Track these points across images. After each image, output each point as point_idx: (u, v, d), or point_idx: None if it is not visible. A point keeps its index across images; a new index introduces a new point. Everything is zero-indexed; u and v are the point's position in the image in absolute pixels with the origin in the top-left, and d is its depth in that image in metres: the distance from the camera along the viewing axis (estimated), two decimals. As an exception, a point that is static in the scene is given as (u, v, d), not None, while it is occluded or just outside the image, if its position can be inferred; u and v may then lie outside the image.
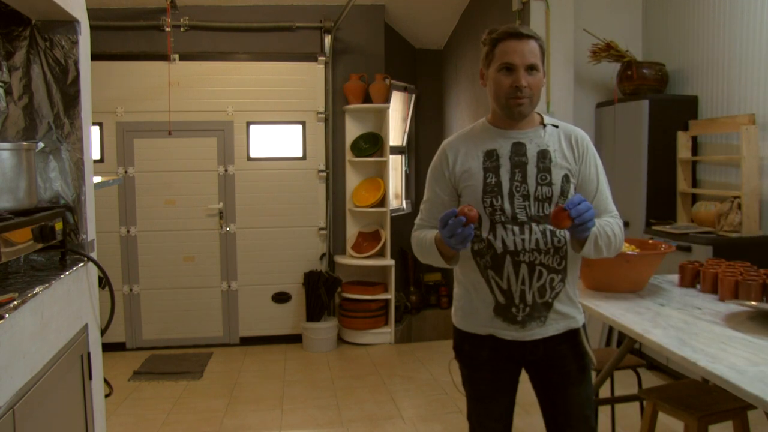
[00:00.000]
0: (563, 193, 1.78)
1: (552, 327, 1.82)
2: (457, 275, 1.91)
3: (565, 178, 1.79)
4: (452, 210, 1.63)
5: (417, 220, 1.94)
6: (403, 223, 6.47)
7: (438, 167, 1.88)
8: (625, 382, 3.51)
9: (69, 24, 2.13)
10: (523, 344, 1.82)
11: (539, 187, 1.77)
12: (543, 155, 1.79)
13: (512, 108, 1.76)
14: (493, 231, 1.77)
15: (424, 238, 1.86)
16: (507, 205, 1.76)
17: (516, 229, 1.76)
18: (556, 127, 1.85)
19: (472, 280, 1.83)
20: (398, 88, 6.32)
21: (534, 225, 1.76)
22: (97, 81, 2.66)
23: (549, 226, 1.76)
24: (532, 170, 1.78)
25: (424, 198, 1.94)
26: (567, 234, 1.77)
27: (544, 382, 1.90)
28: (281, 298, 5.35)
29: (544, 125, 1.84)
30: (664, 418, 2.38)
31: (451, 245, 1.64)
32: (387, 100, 5.31)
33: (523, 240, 1.75)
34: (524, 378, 1.95)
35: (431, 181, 1.91)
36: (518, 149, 1.80)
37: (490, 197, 1.77)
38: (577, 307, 1.88)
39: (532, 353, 1.84)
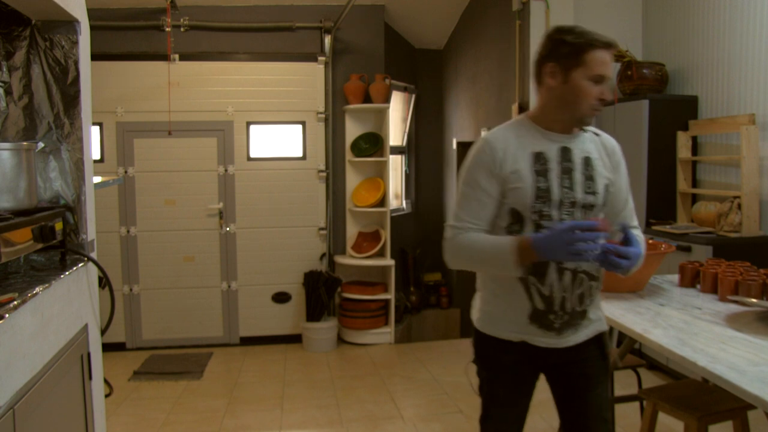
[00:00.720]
0: (605, 203, 1.78)
1: (583, 333, 1.81)
2: (485, 279, 1.84)
3: (606, 188, 1.78)
4: (593, 222, 1.57)
5: (455, 222, 1.76)
6: (403, 223, 6.48)
7: (485, 162, 1.73)
8: (625, 382, 3.51)
9: (69, 24, 2.13)
10: (555, 350, 1.78)
11: (585, 195, 1.74)
12: (587, 162, 1.76)
13: (589, 117, 1.72)
14: None
15: (479, 242, 1.70)
16: (555, 212, 1.71)
17: None
18: (597, 135, 1.83)
19: (507, 285, 1.75)
20: (398, 88, 6.32)
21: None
22: (97, 81, 2.66)
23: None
24: (578, 177, 1.74)
25: (463, 195, 1.76)
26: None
27: (565, 385, 1.87)
28: (281, 298, 5.35)
29: (584, 131, 1.81)
30: (664, 418, 2.39)
31: (559, 255, 1.57)
32: (387, 100, 5.31)
33: None
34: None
35: (476, 177, 1.74)
36: (565, 154, 1.75)
37: (540, 203, 1.70)
38: (602, 310, 1.90)
39: (559, 357, 1.80)
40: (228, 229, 5.25)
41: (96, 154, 5.01)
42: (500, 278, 1.77)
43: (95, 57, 2.36)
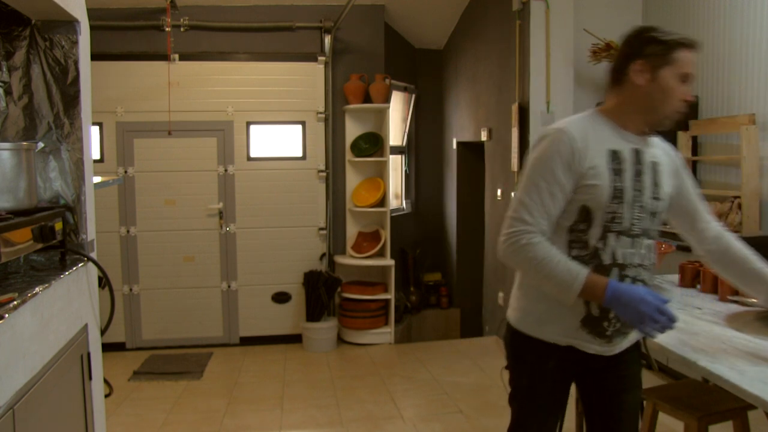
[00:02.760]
0: (665, 209, 1.77)
1: (628, 339, 1.79)
2: (537, 283, 1.74)
3: (669, 195, 1.76)
4: (670, 311, 1.54)
5: (525, 215, 1.63)
6: (403, 223, 6.48)
7: (563, 154, 1.62)
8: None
9: (69, 24, 2.13)
10: (599, 357, 1.73)
11: (652, 201, 1.70)
12: (654, 167, 1.72)
13: (672, 118, 1.68)
14: (604, 239, 1.64)
15: (553, 260, 1.59)
16: (627, 214, 1.65)
17: (628, 241, 1.66)
18: (660, 140, 1.81)
19: None
20: (398, 88, 6.32)
21: (644, 239, 1.69)
22: (97, 81, 2.66)
23: (649, 241, 1.71)
24: (648, 181, 1.69)
25: (535, 187, 1.63)
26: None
27: (600, 388, 1.83)
28: (281, 298, 5.35)
29: (649, 136, 1.77)
30: (664, 418, 2.38)
31: (626, 317, 1.55)
32: (387, 100, 5.31)
33: (632, 254, 1.66)
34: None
35: (553, 168, 1.62)
36: (638, 156, 1.69)
37: (615, 203, 1.63)
38: None
39: (599, 362, 1.75)
40: (228, 229, 5.25)
41: (96, 154, 5.01)
42: None
43: (95, 57, 2.36)
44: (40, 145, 2.11)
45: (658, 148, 1.78)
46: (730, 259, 1.86)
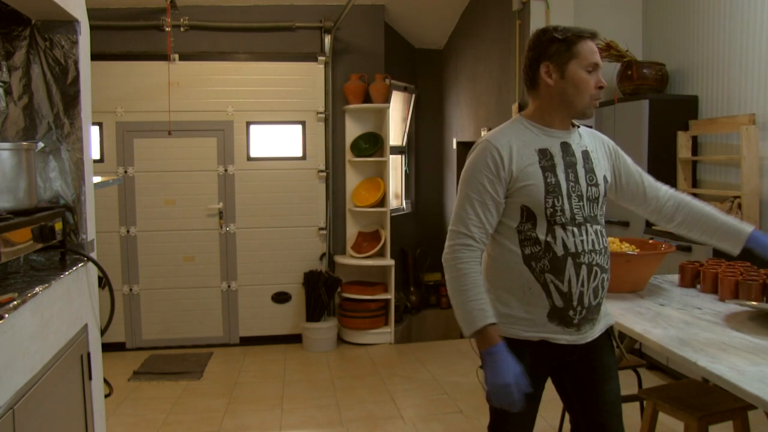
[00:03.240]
0: (605, 193, 1.83)
1: (599, 327, 1.83)
2: (497, 278, 1.81)
3: (605, 178, 1.83)
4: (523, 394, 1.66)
5: (460, 227, 1.74)
6: (403, 223, 6.48)
7: (491, 165, 1.73)
8: (625, 382, 3.51)
9: (69, 24, 2.13)
10: (571, 348, 1.78)
11: (589, 188, 1.78)
12: (586, 156, 1.81)
13: (592, 107, 1.76)
14: (552, 233, 1.72)
15: (470, 288, 1.70)
16: (567, 206, 1.73)
17: (575, 230, 1.73)
18: (589, 128, 1.89)
19: (522, 285, 1.75)
20: (398, 88, 6.32)
21: (588, 225, 1.76)
22: (97, 81, 2.65)
23: (599, 227, 1.78)
24: (581, 170, 1.78)
25: (467, 199, 1.75)
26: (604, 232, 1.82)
27: (575, 381, 1.87)
28: (281, 298, 5.35)
29: (576, 127, 1.85)
30: (664, 418, 2.38)
31: (489, 383, 1.67)
32: (387, 100, 5.31)
33: (582, 241, 1.73)
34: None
35: (481, 180, 1.73)
36: (567, 149, 1.78)
37: (552, 197, 1.72)
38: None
39: (572, 354, 1.80)
40: (228, 229, 5.25)
41: (96, 154, 5.01)
42: (515, 280, 1.76)
43: (95, 57, 2.36)
44: (40, 145, 2.11)
45: (587, 137, 1.86)
46: (694, 220, 1.96)
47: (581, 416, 1.88)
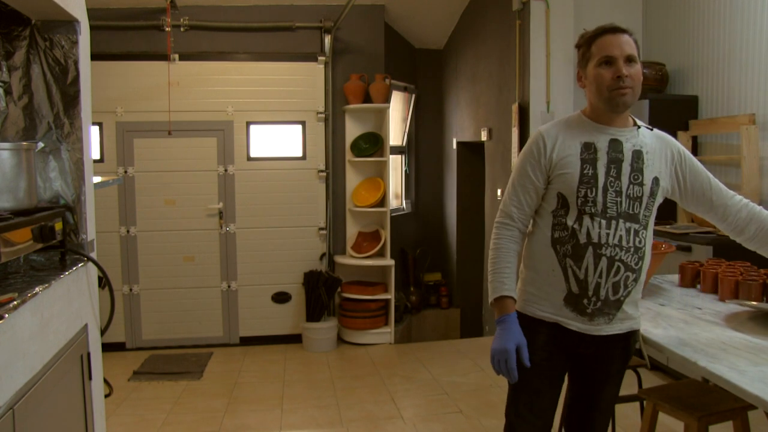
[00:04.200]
0: (652, 194, 1.83)
1: (617, 326, 1.85)
2: (529, 260, 1.91)
3: (655, 181, 1.83)
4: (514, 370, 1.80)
5: (505, 208, 1.91)
6: (403, 223, 6.48)
7: (534, 153, 1.85)
8: (625, 382, 3.50)
9: (69, 24, 2.13)
10: (584, 337, 1.84)
11: (631, 186, 1.80)
12: (637, 155, 1.83)
13: (616, 99, 1.77)
14: (579, 221, 1.79)
15: (503, 261, 1.86)
16: (600, 198, 1.78)
17: (603, 222, 1.78)
18: (651, 129, 1.91)
19: (548, 266, 1.84)
20: (398, 88, 6.32)
21: (621, 221, 1.79)
22: (97, 81, 2.66)
23: (635, 225, 1.80)
24: (626, 168, 1.81)
25: (515, 183, 1.89)
26: (648, 235, 1.84)
27: (584, 377, 1.96)
28: (281, 298, 5.35)
29: (638, 127, 1.89)
30: (664, 418, 2.38)
31: (494, 347, 1.81)
32: (387, 100, 5.30)
33: (607, 234, 1.78)
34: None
35: (526, 167, 1.87)
36: (615, 146, 1.82)
37: (585, 188, 1.78)
38: (639, 310, 1.93)
39: (587, 347, 1.86)
40: (228, 229, 5.25)
41: (96, 154, 5.01)
42: (543, 260, 1.85)
43: (95, 57, 2.36)
44: (40, 145, 2.11)
45: (649, 138, 1.88)
46: (763, 234, 1.95)
47: (575, 407, 1.99)
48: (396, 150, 6.48)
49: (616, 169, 1.80)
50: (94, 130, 4.85)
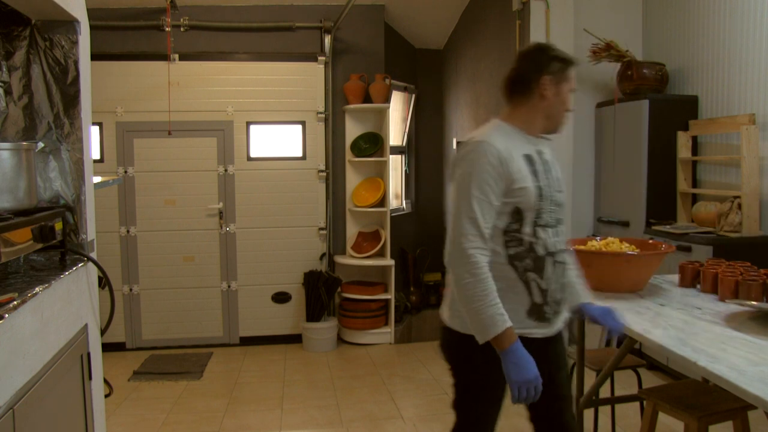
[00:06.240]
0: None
1: (563, 319, 1.96)
2: None
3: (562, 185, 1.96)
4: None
5: (475, 229, 1.74)
6: (403, 223, 6.48)
7: (494, 164, 1.76)
8: (625, 382, 3.51)
9: (69, 24, 2.13)
10: (544, 340, 1.88)
11: (557, 193, 1.90)
12: (552, 164, 1.94)
13: (563, 125, 1.94)
14: (535, 234, 1.82)
15: (488, 297, 1.71)
16: (547, 208, 1.85)
17: (551, 231, 1.86)
18: (548, 139, 2.00)
19: (505, 284, 1.79)
20: (398, 88, 6.32)
21: (559, 227, 1.90)
22: (97, 81, 2.66)
23: (563, 227, 1.92)
24: (551, 177, 1.90)
25: (479, 200, 1.75)
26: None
27: (540, 374, 1.93)
28: (281, 298, 5.35)
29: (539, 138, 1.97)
30: (664, 418, 2.38)
31: (511, 377, 1.71)
32: (387, 100, 5.31)
33: (556, 242, 1.87)
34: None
35: (488, 181, 1.75)
36: (540, 156, 1.90)
37: (539, 201, 1.82)
38: None
39: (534, 344, 1.86)
40: (228, 229, 5.25)
41: (96, 154, 5.00)
42: (499, 277, 1.78)
43: (95, 57, 2.36)
44: (40, 145, 2.11)
45: (548, 147, 1.99)
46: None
47: (542, 404, 1.94)
48: (396, 150, 6.48)
49: (546, 179, 1.87)
50: (94, 130, 4.85)
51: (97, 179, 2.46)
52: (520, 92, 1.91)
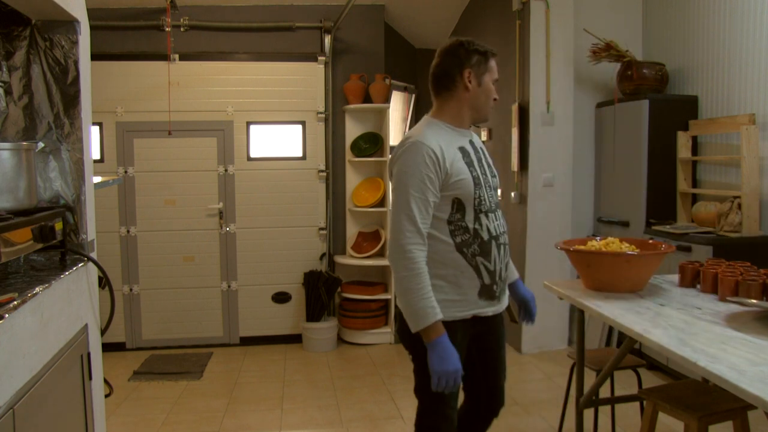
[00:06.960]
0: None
1: (506, 295, 2.13)
2: (434, 270, 1.94)
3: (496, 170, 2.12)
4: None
5: (411, 227, 1.87)
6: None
7: (428, 164, 1.89)
8: (625, 382, 3.51)
9: (69, 24, 2.13)
10: (493, 317, 2.05)
11: (492, 179, 2.06)
12: (484, 152, 2.11)
13: (489, 114, 2.07)
14: (478, 220, 1.95)
15: (423, 287, 1.85)
16: (486, 195, 1.98)
17: (492, 215, 2.00)
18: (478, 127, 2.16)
19: (455, 270, 1.94)
20: (398, 88, 6.31)
21: (498, 211, 2.05)
22: (97, 81, 2.66)
23: (500, 211, 2.08)
24: (485, 164, 2.06)
25: (416, 199, 1.87)
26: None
27: (481, 348, 2.12)
28: (281, 298, 5.35)
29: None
30: (664, 418, 2.39)
31: (434, 367, 1.82)
32: (387, 100, 5.31)
33: (497, 225, 2.02)
34: (525, 378, 1.96)
35: (424, 180, 1.88)
36: (473, 146, 2.05)
37: (478, 189, 1.95)
38: None
39: (484, 324, 2.04)
40: (228, 229, 5.25)
41: (96, 154, 5.00)
42: (448, 266, 1.93)
43: (95, 57, 2.37)
44: (40, 145, 2.11)
45: (476, 137, 2.13)
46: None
47: (482, 380, 2.14)
48: (396, 150, 6.47)
49: (481, 167, 2.01)
50: (94, 130, 4.85)
51: (97, 179, 2.46)
52: (446, 87, 2.01)
